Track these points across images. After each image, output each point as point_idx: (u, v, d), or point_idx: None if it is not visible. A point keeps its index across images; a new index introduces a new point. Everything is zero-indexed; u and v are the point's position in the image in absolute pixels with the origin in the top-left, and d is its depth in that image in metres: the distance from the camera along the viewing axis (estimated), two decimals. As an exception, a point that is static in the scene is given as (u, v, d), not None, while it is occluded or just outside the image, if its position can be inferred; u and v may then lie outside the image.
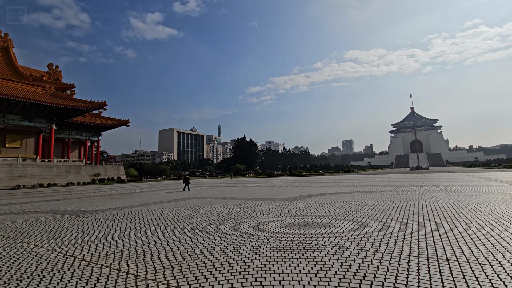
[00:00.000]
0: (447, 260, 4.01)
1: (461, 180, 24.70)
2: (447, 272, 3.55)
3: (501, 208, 8.50)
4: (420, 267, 3.74)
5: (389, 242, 5.04)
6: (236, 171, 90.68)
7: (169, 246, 5.36)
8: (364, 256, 4.28)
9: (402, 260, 4.05)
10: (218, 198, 15.24)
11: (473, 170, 56.95)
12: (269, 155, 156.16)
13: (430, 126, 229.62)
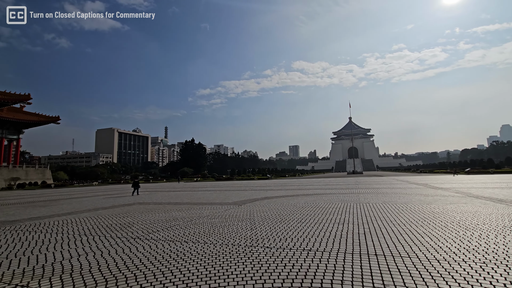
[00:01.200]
0: (375, 255, 4.47)
1: (388, 183, 28.03)
2: (376, 265, 3.96)
3: (418, 207, 9.88)
4: (353, 263, 4.10)
5: (328, 242, 5.41)
6: (184, 175, 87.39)
7: (104, 258, 4.85)
8: (306, 256, 4.51)
9: (339, 258, 4.38)
10: (163, 203, 14.45)
11: (397, 174, 65.19)
12: (218, 158, 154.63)
13: (364, 135, 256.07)
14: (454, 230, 6.05)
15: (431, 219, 7.42)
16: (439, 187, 19.27)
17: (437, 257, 4.26)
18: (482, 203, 10.38)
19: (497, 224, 6.50)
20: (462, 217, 7.55)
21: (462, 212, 8.44)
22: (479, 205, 9.73)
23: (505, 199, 11.21)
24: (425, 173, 67.94)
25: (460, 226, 6.43)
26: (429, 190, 17.42)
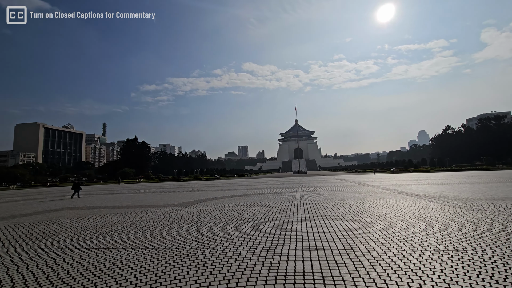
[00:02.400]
0: (316, 249, 4.76)
1: (328, 181, 30.32)
2: (316, 259, 4.22)
3: (353, 203, 10.89)
4: (296, 258, 4.29)
5: (273, 239, 5.58)
6: (124, 176, 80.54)
7: (20, 273, 4.16)
8: (252, 254, 4.57)
9: (283, 254, 4.54)
10: (98, 207, 13.10)
11: (336, 174, 70.99)
12: (164, 158, 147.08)
13: (309, 137, 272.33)
14: (382, 223, 6.82)
15: (363, 214, 8.24)
16: (370, 185, 21.58)
17: (367, 247, 4.74)
18: (403, 198, 11.95)
19: (414, 216, 7.54)
20: (388, 211, 8.56)
21: (388, 206, 9.58)
22: (401, 200, 11.17)
23: (421, 194, 13.10)
24: (359, 172, 75.48)
25: (386, 219, 7.29)
26: (362, 187, 19.36)
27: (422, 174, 42.99)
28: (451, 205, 9.25)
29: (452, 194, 12.43)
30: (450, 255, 4.15)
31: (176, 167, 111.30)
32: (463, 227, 5.98)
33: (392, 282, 3.29)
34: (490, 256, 4.03)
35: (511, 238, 4.92)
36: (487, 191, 13.14)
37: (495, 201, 9.80)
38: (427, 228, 5.98)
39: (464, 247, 4.54)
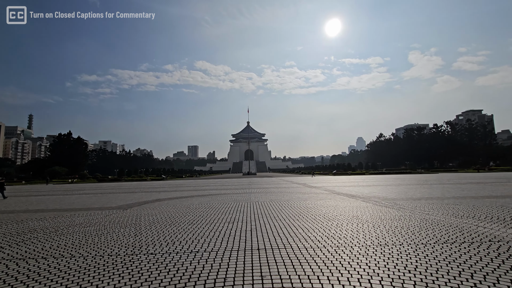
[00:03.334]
0: (258, 249, 4.86)
1: (276, 183, 31.36)
2: (257, 259, 4.30)
3: (296, 203, 11.44)
4: (238, 259, 4.31)
5: (216, 241, 5.51)
6: (54, 175, 71.02)
7: None
8: (193, 258, 4.44)
9: (225, 256, 4.51)
10: (16, 211, 11.31)
11: (284, 175, 73.90)
12: (104, 157, 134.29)
13: (260, 139, 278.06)
14: (320, 221, 7.30)
15: (305, 214, 8.72)
16: (314, 186, 22.98)
17: (305, 245, 5.01)
18: (341, 198, 13.00)
19: (349, 215, 8.25)
20: (326, 211, 9.21)
21: (327, 206, 10.31)
22: (339, 200, 12.13)
23: (355, 195, 14.41)
24: (305, 175, 79.82)
25: (325, 218, 7.82)
26: (306, 188, 20.49)
27: (358, 177, 47.42)
28: (379, 204, 10.38)
29: (381, 195, 13.96)
30: (374, 250, 4.63)
31: (117, 166, 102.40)
32: (387, 224, 6.75)
33: (324, 277, 3.52)
34: (406, 249, 4.62)
35: (423, 233, 5.73)
36: (408, 192, 15.10)
37: (413, 200, 11.32)
38: (358, 226, 6.59)
39: (386, 242, 5.12)
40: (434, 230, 5.90)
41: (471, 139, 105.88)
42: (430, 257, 4.18)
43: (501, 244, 4.76)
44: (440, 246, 4.70)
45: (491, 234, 5.43)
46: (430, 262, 3.93)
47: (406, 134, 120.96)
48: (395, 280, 3.38)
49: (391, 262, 4.02)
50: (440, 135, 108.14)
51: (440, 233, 5.66)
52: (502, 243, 4.79)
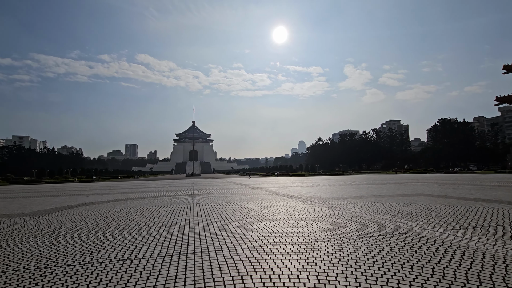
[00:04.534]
0: (194, 253, 4.73)
1: (220, 184, 31.15)
2: (191, 263, 4.17)
3: (238, 204, 11.53)
4: (171, 265, 4.12)
5: (149, 246, 5.18)
6: None
7: None
8: (120, 267, 4.08)
9: (157, 262, 4.27)
10: None
11: (229, 176, 73.90)
12: (18, 154, 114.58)
13: (205, 139, 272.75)
14: (259, 222, 7.49)
15: (245, 214, 8.84)
16: (256, 187, 23.53)
17: (242, 246, 5.07)
18: (280, 198, 13.58)
19: (286, 214, 8.66)
20: (266, 211, 9.50)
21: (267, 206, 10.66)
22: (278, 201, 12.65)
23: (294, 195, 15.23)
24: (255, 176, 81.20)
25: (264, 218, 8.06)
26: (249, 190, 20.85)
27: (298, 178, 50.29)
28: (314, 203, 11.16)
29: (316, 195, 15.04)
30: (305, 246, 4.95)
31: (37, 165, 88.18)
32: (319, 221, 7.29)
33: (256, 276, 3.61)
34: (332, 244, 5.05)
35: (348, 228, 6.35)
36: (339, 192, 16.61)
37: (343, 199, 12.49)
38: (293, 225, 6.97)
39: (317, 238, 5.52)
40: (357, 226, 6.60)
41: (392, 145, 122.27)
42: (351, 250, 4.65)
43: (407, 235, 5.57)
44: (361, 240, 5.28)
45: (400, 227, 6.32)
46: (351, 255, 4.38)
47: (341, 139, 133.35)
48: (321, 273, 3.66)
49: (319, 257, 4.34)
50: (368, 141, 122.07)
51: (362, 228, 6.36)
52: (408, 235, 5.61)
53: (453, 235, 5.51)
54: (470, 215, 7.63)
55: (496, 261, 3.96)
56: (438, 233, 5.67)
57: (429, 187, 18.74)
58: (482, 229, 5.93)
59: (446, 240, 5.14)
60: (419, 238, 5.30)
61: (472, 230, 5.91)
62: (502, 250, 4.47)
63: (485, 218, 7.15)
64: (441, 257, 4.15)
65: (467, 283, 3.24)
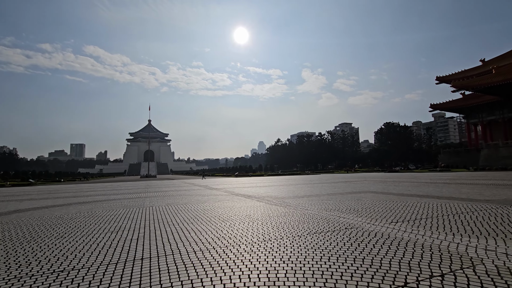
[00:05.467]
0: (141, 259, 4.47)
1: (177, 185, 30.08)
2: (138, 270, 3.94)
3: (194, 206, 11.24)
4: (114, 274, 3.83)
5: (91, 255, 4.76)
6: None
7: None
8: (54, 279, 3.67)
9: (99, 271, 3.93)
10: None
11: (187, 178, 71.74)
12: None
13: (162, 139, 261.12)
14: (215, 223, 7.39)
15: (201, 216, 8.66)
16: (215, 188, 23.23)
17: (195, 249, 4.94)
18: (238, 199, 13.59)
19: (242, 214, 8.69)
20: (222, 212, 9.42)
21: (224, 207, 10.58)
22: (236, 201, 12.65)
23: (252, 195, 15.37)
24: (209, 176, 79.92)
25: (220, 219, 7.97)
26: (207, 190, 20.49)
27: (257, 178, 50.96)
28: (270, 203, 11.40)
29: (273, 194, 15.39)
30: (259, 245, 5.01)
31: (-45, 168, 75.08)
32: (273, 220, 7.45)
33: (207, 279, 3.55)
34: (285, 242, 5.20)
35: (300, 226, 6.60)
36: (295, 191, 17.22)
37: (298, 198, 12.97)
38: (248, 225, 7.02)
39: (270, 237, 5.63)
40: (309, 223, 6.90)
41: (344, 146, 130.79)
42: (302, 246, 4.83)
43: (352, 230, 5.99)
44: (311, 236, 5.52)
45: (347, 223, 6.77)
46: (301, 251, 4.55)
47: (298, 140, 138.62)
48: (271, 271, 3.73)
49: (271, 255, 4.43)
50: (323, 142, 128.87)
51: (313, 225, 6.66)
52: (353, 229, 6.03)
53: (391, 228, 6.08)
54: (406, 209, 8.50)
55: (424, 249, 4.46)
56: (379, 227, 6.20)
57: (374, 185, 20.46)
58: (415, 222, 6.65)
59: (385, 233, 5.65)
60: (362, 232, 5.73)
61: (407, 223, 6.58)
62: (429, 239, 5.05)
63: (418, 212, 8.03)
64: (380, 249, 4.54)
65: (399, 271, 3.58)
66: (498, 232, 5.41)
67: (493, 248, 4.44)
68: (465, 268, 3.62)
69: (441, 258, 4.01)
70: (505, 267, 3.62)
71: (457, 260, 3.93)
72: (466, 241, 4.84)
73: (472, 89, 56.86)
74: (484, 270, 3.54)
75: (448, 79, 62.28)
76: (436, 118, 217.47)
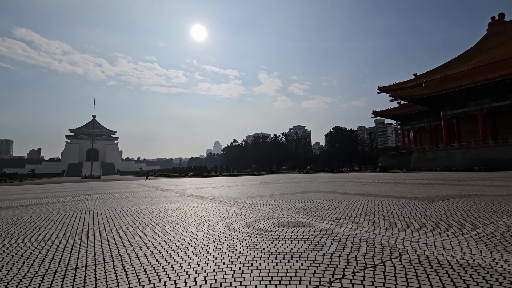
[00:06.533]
0: (75, 269, 4.04)
1: (124, 187, 28.04)
2: (70, 281, 3.55)
3: (142, 209, 10.60)
4: (41, 287, 3.40)
5: (13, 267, 4.14)
6: None
7: None
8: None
9: (21, 285, 3.45)
10: None
11: (136, 178, 67.39)
12: None
13: (108, 137, 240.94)
14: (163, 226, 7.06)
15: (148, 219, 8.19)
16: (166, 189, 22.24)
17: (139, 254, 4.65)
18: (190, 200, 13.21)
19: (193, 216, 8.47)
20: (172, 214, 9.06)
21: (174, 209, 10.18)
22: (188, 202, 12.27)
23: (205, 196, 15.08)
24: (161, 177, 76.24)
25: (169, 222, 7.64)
26: (157, 192, 19.49)
27: (212, 179, 50.24)
28: (223, 204, 11.32)
29: (227, 195, 15.33)
30: (208, 247, 4.93)
31: None
32: (225, 221, 7.42)
33: (150, 285, 3.36)
34: (235, 242, 5.20)
35: (251, 226, 6.68)
36: (249, 191, 17.40)
37: (251, 198, 13.13)
38: (199, 226, 6.86)
39: (220, 238, 5.59)
40: (260, 223, 7.02)
41: (297, 148, 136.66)
42: (251, 246, 4.89)
43: (300, 228, 6.27)
44: (261, 236, 5.63)
45: (296, 221, 7.06)
46: (250, 251, 4.60)
47: (254, 141, 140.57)
48: (219, 273, 3.70)
49: (219, 256, 4.39)
50: (278, 144, 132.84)
51: (264, 224, 6.80)
52: (301, 227, 6.32)
53: (334, 224, 6.52)
54: (349, 207, 9.22)
55: (361, 243, 4.88)
56: (324, 224, 6.60)
57: (323, 184, 21.76)
58: (355, 218, 7.24)
59: (329, 229, 6.03)
60: (309, 230, 6.04)
61: (348, 219, 7.13)
62: (366, 234, 5.55)
63: (358, 209, 8.76)
64: (323, 245, 4.83)
65: (339, 264, 3.86)
66: (421, 225, 6.18)
67: (416, 239, 5.06)
68: (394, 258, 4.06)
69: (374, 251, 4.43)
70: (424, 255, 4.15)
71: (387, 251, 4.39)
72: (396, 234, 5.43)
73: (406, 99, 64.36)
74: (408, 259, 4.01)
75: (388, 89, 69.42)
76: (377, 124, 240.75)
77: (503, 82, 47.60)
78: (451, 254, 4.19)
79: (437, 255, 4.13)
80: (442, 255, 4.15)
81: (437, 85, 56.72)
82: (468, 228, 5.81)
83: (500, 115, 55.56)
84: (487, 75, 48.75)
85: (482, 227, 5.91)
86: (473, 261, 3.87)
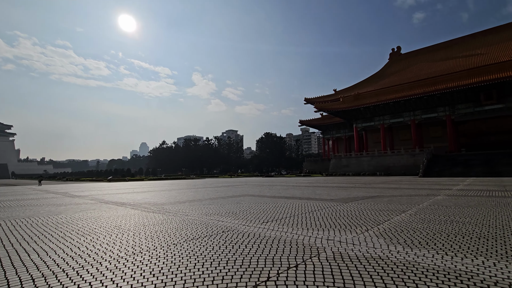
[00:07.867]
0: None
1: (20, 193, 23.20)
2: None
3: (43, 219, 8.90)
4: None
5: None
6: None
7: None
8: None
9: None
10: None
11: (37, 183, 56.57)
12: None
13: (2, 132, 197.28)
14: (70, 239, 6.05)
15: (51, 232, 6.92)
16: (78, 195, 19.32)
17: (34, 276, 3.84)
18: (108, 207, 11.77)
19: (110, 226, 7.54)
20: (84, 224, 7.88)
21: (87, 218, 8.88)
22: (104, 210, 10.89)
23: (126, 202, 13.67)
24: (72, 181, 65.98)
25: (78, 234, 6.61)
26: (66, 199, 16.75)
27: (136, 183, 46.09)
28: (147, 210, 10.45)
29: (152, 200, 14.24)
30: (125, 261, 4.43)
31: None
32: (148, 230, 6.84)
33: (47, 313, 2.80)
34: (158, 253, 4.82)
35: (178, 233, 6.32)
36: (177, 196, 16.57)
37: (180, 203, 12.51)
38: (117, 237, 6.13)
39: (141, 249, 5.10)
40: (187, 229, 6.72)
41: (229, 152, 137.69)
42: (176, 255, 4.61)
43: (229, 233, 6.24)
44: (187, 243, 5.37)
45: (225, 226, 7.01)
46: (175, 260, 4.33)
47: (185, 143, 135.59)
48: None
49: (139, 269, 3.99)
50: (210, 147, 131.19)
51: (191, 231, 6.53)
52: (230, 232, 6.30)
53: (262, 227, 6.73)
54: (276, 210, 9.68)
55: (285, 245, 5.14)
56: (252, 227, 6.74)
57: (253, 188, 22.38)
58: (281, 220, 7.63)
59: (256, 233, 6.18)
60: (237, 234, 6.07)
61: (275, 222, 7.46)
62: (290, 235, 5.89)
63: (284, 211, 9.27)
64: (251, 248, 4.91)
65: (265, 267, 3.96)
66: (336, 225, 6.92)
67: (332, 238, 5.62)
68: (313, 256, 4.40)
69: (297, 251, 4.72)
70: (338, 252, 4.64)
71: (308, 251, 4.73)
72: (316, 234, 5.93)
73: (327, 112, 72.24)
74: (325, 256, 4.41)
75: (313, 101, 76.62)
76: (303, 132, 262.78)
77: (398, 103, 58.19)
78: (359, 249, 4.79)
79: (348, 251, 4.67)
80: (352, 250, 4.71)
81: (351, 101, 65.50)
82: (372, 225, 6.78)
83: (396, 130, 67.52)
84: (388, 95, 58.88)
85: (382, 224, 6.98)
86: (375, 254, 4.51)
